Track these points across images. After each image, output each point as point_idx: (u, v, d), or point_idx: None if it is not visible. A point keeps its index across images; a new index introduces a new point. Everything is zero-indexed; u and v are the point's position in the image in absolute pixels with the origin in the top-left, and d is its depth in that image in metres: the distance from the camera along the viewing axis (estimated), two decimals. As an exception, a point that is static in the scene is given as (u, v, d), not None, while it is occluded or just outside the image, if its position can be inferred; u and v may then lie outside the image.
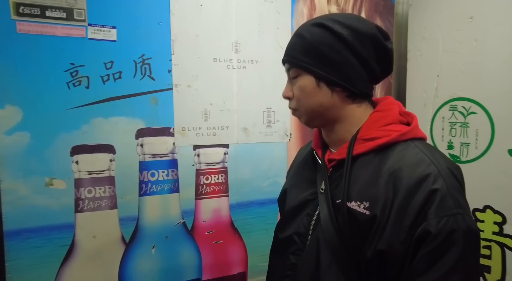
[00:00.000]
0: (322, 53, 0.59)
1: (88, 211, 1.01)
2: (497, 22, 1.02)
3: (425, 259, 0.50)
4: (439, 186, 0.51)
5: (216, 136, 1.16)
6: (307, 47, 0.60)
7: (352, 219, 0.56)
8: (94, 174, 1.02)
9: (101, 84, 1.00)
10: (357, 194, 0.57)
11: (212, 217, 1.18)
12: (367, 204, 0.55)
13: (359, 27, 0.59)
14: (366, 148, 0.59)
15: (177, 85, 1.09)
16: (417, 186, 0.52)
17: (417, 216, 0.51)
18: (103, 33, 0.98)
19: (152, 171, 1.09)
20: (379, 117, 0.61)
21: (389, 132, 0.59)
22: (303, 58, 0.60)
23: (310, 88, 0.61)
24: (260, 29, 1.19)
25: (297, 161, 0.81)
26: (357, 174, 0.59)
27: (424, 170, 0.53)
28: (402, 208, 0.52)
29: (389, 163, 0.56)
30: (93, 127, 1.01)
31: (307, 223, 0.65)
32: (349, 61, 0.59)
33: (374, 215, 0.54)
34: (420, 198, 0.51)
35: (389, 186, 0.54)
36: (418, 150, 0.57)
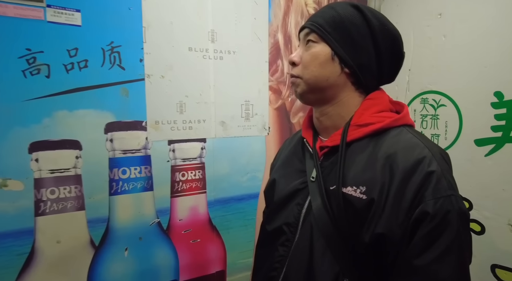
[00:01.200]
0: (348, 31, 0.59)
1: (51, 213, 0.91)
2: (463, 19, 1.07)
3: (422, 241, 0.51)
4: (434, 168, 0.52)
5: (192, 130, 1.10)
6: (336, 19, 0.60)
7: (347, 204, 0.56)
8: (57, 172, 0.92)
9: (64, 73, 0.91)
10: (352, 179, 0.57)
11: (189, 215, 1.13)
12: (364, 188, 0.55)
13: (387, 24, 0.61)
14: (361, 134, 0.59)
15: (150, 75, 1.02)
16: (413, 168, 0.53)
17: (414, 197, 0.52)
18: (65, 16, 0.88)
19: (123, 168, 1.01)
20: (371, 105, 0.62)
21: (382, 118, 0.60)
22: (327, 28, 0.60)
23: (323, 58, 0.60)
24: (237, 19, 1.15)
25: (283, 151, 0.80)
26: (351, 159, 0.59)
27: (419, 153, 0.54)
28: (400, 191, 0.53)
29: (384, 148, 0.57)
30: (56, 121, 0.91)
31: (297, 212, 0.64)
32: (368, 49, 0.60)
33: (372, 199, 0.54)
34: (417, 180, 0.52)
35: (386, 170, 0.55)
36: (411, 135, 0.58)
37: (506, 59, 0.95)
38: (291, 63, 0.64)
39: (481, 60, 1.02)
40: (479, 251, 1.05)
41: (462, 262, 0.52)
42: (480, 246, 1.04)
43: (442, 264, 0.50)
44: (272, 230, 0.67)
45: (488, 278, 1.02)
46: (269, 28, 1.23)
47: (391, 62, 0.62)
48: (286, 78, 1.29)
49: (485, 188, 1.02)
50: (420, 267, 0.50)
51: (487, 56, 1.00)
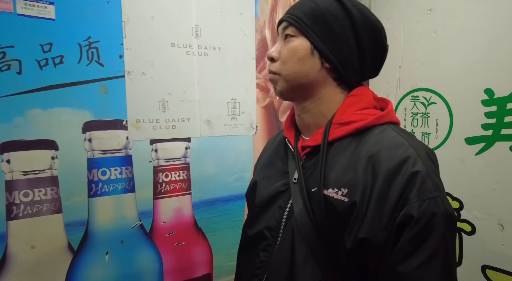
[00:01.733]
0: (328, 23, 0.56)
1: (25, 217, 0.87)
2: (454, 15, 1.05)
3: (406, 245, 0.48)
4: (419, 169, 0.49)
5: (176, 129, 1.06)
6: (315, 11, 0.57)
7: (329, 207, 0.53)
8: (31, 174, 0.87)
9: (37, 69, 0.86)
10: (334, 180, 0.54)
11: (173, 217, 1.09)
12: (345, 190, 0.52)
13: (369, 16, 0.57)
14: (343, 132, 0.56)
15: (130, 72, 0.98)
16: (397, 168, 0.50)
17: (398, 199, 0.49)
18: (37, 9, 0.84)
19: (103, 169, 0.97)
20: (354, 102, 0.59)
21: (365, 116, 0.57)
22: (306, 21, 0.57)
23: (302, 52, 0.57)
24: (222, 13, 1.12)
25: (266, 152, 0.76)
26: (333, 159, 0.56)
27: (403, 152, 0.51)
28: (383, 192, 0.50)
29: (367, 147, 0.54)
30: (29, 120, 0.86)
31: (279, 216, 0.60)
32: (349, 42, 0.57)
33: (354, 201, 0.51)
34: (401, 181, 0.49)
35: (368, 170, 0.52)
36: (395, 133, 0.55)
37: (496, 55, 0.93)
38: (269, 59, 0.61)
39: (471, 56, 0.99)
40: (470, 251, 1.03)
41: (449, 268, 0.49)
42: (471, 247, 1.02)
43: (427, 271, 0.47)
44: (253, 234, 0.64)
45: (479, 279, 1.00)
46: (256, 24, 1.19)
47: (374, 55, 0.59)
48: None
49: (475, 187, 1.00)
50: (405, 274, 0.47)
51: (477, 53, 0.98)
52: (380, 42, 0.59)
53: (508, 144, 0.91)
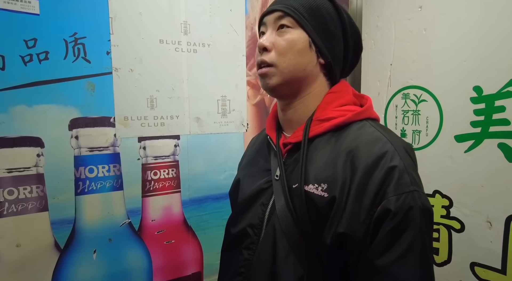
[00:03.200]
0: (324, 19, 0.58)
1: (9, 215, 0.86)
2: (444, 12, 1.04)
3: (384, 239, 0.49)
4: (396, 163, 0.50)
5: (164, 126, 1.05)
6: (313, 5, 0.57)
7: (310, 203, 0.54)
8: (16, 171, 0.86)
9: (21, 65, 0.85)
10: (314, 176, 0.54)
11: (162, 216, 1.08)
12: (325, 185, 0.53)
13: (352, 20, 0.62)
14: (322, 129, 0.57)
15: (118, 69, 0.97)
16: (375, 163, 0.51)
17: (376, 194, 0.49)
18: (21, 4, 0.82)
19: (90, 167, 0.96)
20: (334, 98, 0.60)
21: (344, 112, 0.58)
22: (304, 13, 0.57)
23: (301, 45, 0.56)
24: (212, 10, 1.11)
25: (249, 150, 0.77)
26: (313, 156, 0.57)
27: (381, 147, 0.52)
28: (361, 187, 0.50)
29: (346, 142, 0.55)
30: (13, 116, 0.85)
31: (262, 213, 0.61)
32: (340, 40, 0.59)
33: (333, 196, 0.51)
34: (379, 176, 0.50)
35: (347, 165, 0.52)
36: (374, 129, 0.56)
37: (485, 53, 0.93)
38: (262, 49, 0.58)
39: (460, 54, 0.99)
40: (459, 249, 1.03)
41: (426, 261, 0.50)
42: (460, 244, 1.02)
43: (404, 263, 0.48)
44: (236, 232, 0.64)
45: (467, 276, 1.00)
46: (246, 21, 1.19)
47: (354, 56, 0.63)
48: (265, 73, 1.25)
49: (464, 185, 1.00)
50: (382, 267, 0.48)
51: (466, 50, 0.97)
52: (359, 45, 0.63)
53: (496, 141, 0.90)
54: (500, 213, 0.91)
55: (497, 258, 0.91)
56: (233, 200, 0.72)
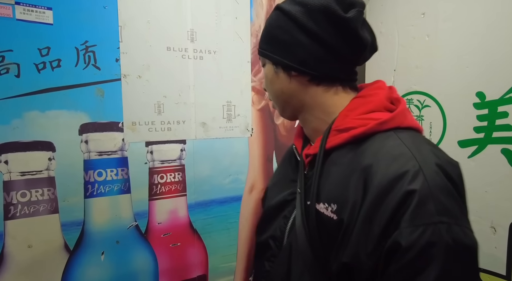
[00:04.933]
0: (275, 37, 0.56)
1: (22, 217, 0.89)
2: (446, 18, 1.06)
3: (394, 278, 0.41)
4: (417, 186, 0.41)
5: (171, 131, 1.08)
6: (265, 33, 0.58)
7: (321, 224, 0.49)
8: (28, 174, 0.89)
9: (35, 73, 0.88)
10: (326, 194, 0.49)
11: (169, 219, 1.11)
12: (335, 206, 0.47)
13: (310, 1, 0.51)
14: (340, 140, 0.51)
15: (126, 75, 1.00)
16: (390, 185, 0.42)
17: (388, 223, 0.41)
18: (36, 14, 0.86)
19: (99, 170, 0.99)
20: (359, 104, 0.52)
21: (367, 121, 0.50)
22: (263, 45, 0.58)
23: (270, 75, 0.58)
24: (218, 18, 1.13)
25: (283, 157, 0.74)
26: (329, 170, 0.51)
27: (401, 165, 0.43)
28: (371, 212, 0.43)
29: (363, 158, 0.47)
30: (27, 122, 0.88)
31: (283, 226, 0.58)
32: (300, 41, 0.52)
33: (341, 220, 0.46)
34: (393, 201, 0.41)
35: (359, 185, 0.45)
36: (399, 142, 0.46)
37: (488, 59, 0.93)
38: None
39: (463, 60, 1.00)
40: (463, 254, 1.03)
41: None
42: (464, 250, 1.02)
43: None
44: (260, 242, 0.63)
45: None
46: (251, 28, 1.21)
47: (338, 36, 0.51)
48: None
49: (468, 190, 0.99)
50: None
51: (469, 56, 0.98)
52: (335, 19, 0.50)
53: (499, 146, 0.91)
54: (504, 219, 0.91)
55: (502, 264, 0.91)
56: (263, 208, 0.70)
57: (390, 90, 0.54)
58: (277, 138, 1.32)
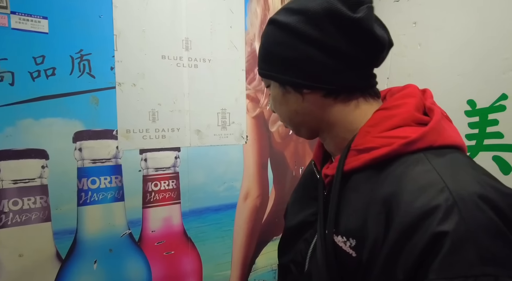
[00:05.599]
0: (276, 54, 0.48)
1: (14, 225, 0.88)
2: (437, 28, 1.07)
3: None
4: (449, 227, 0.33)
5: (165, 139, 1.08)
6: (263, 52, 0.52)
7: (340, 258, 0.43)
8: (21, 182, 0.89)
9: (29, 81, 0.89)
10: (344, 226, 0.43)
11: (162, 226, 1.10)
12: (354, 242, 0.41)
13: (309, 7, 0.44)
14: (360, 162, 0.43)
15: (121, 83, 1.01)
16: (415, 224, 0.34)
17: (414, 269, 0.34)
18: (31, 23, 0.87)
19: (93, 178, 0.99)
20: (383, 118, 0.44)
21: (391, 140, 0.41)
22: (263, 66, 0.52)
23: (279, 96, 0.52)
24: (212, 27, 1.15)
25: (306, 170, 0.66)
26: (348, 197, 0.44)
27: (430, 199, 0.35)
28: (394, 254, 0.36)
29: (385, 186, 0.40)
30: (20, 129, 0.88)
31: (305, 251, 0.53)
32: (306, 54, 0.45)
33: (360, 259, 0.40)
34: (420, 244, 0.34)
35: (381, 220, 0.38)
36: (430, 167, 0.38)
37: (478, 67, 0.95)
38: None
39: (454, 68, 1.01)
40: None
41: None
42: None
43: None
44: (282, 264, 0.60)
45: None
46: (246, 37, 1.23)
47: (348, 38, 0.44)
48: (264, 87, 1.28)
49: (461, 197, 1.00)
50: None
51: (460, 65, 1.00)
52: (341, 21, 0.43)
53: (491, 154, 0.92)
54: (497, 226, 0.91)
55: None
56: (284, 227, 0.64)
57: (423, 96, 0.46)
58: (272, 146, 1.32)
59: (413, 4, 1.15)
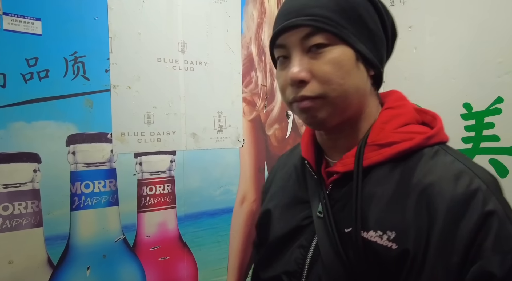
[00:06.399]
0: (363, 19, 0.44)
1: (3, 231, 0.86)
2: (432, 32, 1.08)
3: None
4: (494, 207, 0.37)
5: (161, 142, 1.07)
6: (343, 4, 0.43)
7: (371, 255, 0.42)
8: (11, 187, 0.87)
9: (22, 83, 0.87)
10: (375, 220, 0.42)
11: (157, 231, 1.08)
12: (393, 234, 0.41)
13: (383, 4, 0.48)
14: (383, 156, 0.44)
15: (116, 86, 0.99)
16: (462, 206, 0.38)
17: (467, 250, 0.37)
18: (24, 25, 0.86)
19: (87, 182, 0.97)
20: (393, 116, 0.46)
21: (410, 134, 0.44)
22: (340, 20, 0.43)
23: (349, 63, 0.43)
24: (209, 30, 1.14)
25: (278, 172, 0.62)
26: (371, 192, 0.44)
27: (468, 184, 0.39)
28: (446, 239, 0.38)
29: (417, 177, 0.42)
30: (12, 132, 0.87)
31: (301, 258, 0.49)
32: (382, 37, 0.46)
33: (405, 249, 0.40)
34: (470, 224, 0.37)
35: (422, 209, 0.40)
36: (452, 158, 0.42)
37: (473, 71, 0.95)
38: (297, 83, 0.44)
39: (450, 72, 1.02)
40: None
41: None
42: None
43: None
44: (268, 279, 0.53)
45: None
46: (242, 40, 1.22)
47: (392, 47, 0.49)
48: (261, 90, 1.28)
49: (458, 201, 1.00)
50: None
51: (455, 68, 1.00)
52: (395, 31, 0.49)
53: (487, 157, 0.92)
54: (494, 229, 0.91)
55: (493, 275, 0.91)
56: (263, 235, 0.58)
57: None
58: (269, 149, 1.31)
59: (409, 8, 1.16)
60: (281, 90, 0.48)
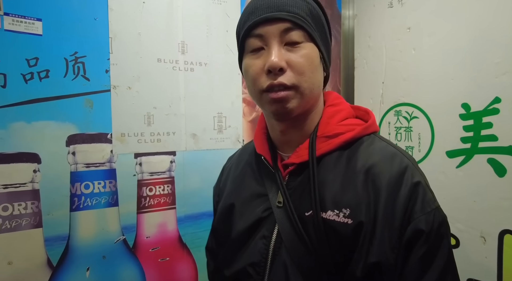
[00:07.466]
0: (323, 26, 0.52)
1: (3, 232, 0.85)
2: (431, 33, 1.09)
3: (418, 264, 0.45)
4: (419, 179, 0.47)
5: (161, 143, 1.07)
6: (312, 11, 0.50)
7: (330, 232, 0.47)
8: (11, 187, 0.87)
9: (22, 83, 0.87)
10: (332, 201, 0.48)
11: (157, 232, 1.08)
12: (347, 211, 0.47)
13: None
14: (331, 146, 0.52)
15: (116, 86, 0.99)
16: (398, 180, 0.47)
17: (404, 214, 0.46)
18: (25, 25, 0.86)
19: (86, 183, 0.97)
20: (335, 112, 0.54)
21: (351, 127, 0.53)
22: (311, 23, 0.50)
23: (317, 61, 0.50)
24: (208, 31, 1.15)
25: (231, 173, 0.66)
26: (324, 177, 0.50)
27: (400, 162, 0.49)
28: (389, 208, 0.46)
29: (361, 160, 0.50)
30: (12, 133, 0.86)
31: (264, 248, 0.52)
32: (330, 46, 0.55)
33: (359, 222, 0.46)
34: (404, 194, 0.46)
35: (368, 185, 0.48)
36: (385, 143, 0.52)
37: (472, 71, 0.96)
38: (276, 70, 0.47)
39: (448, 72, 1.03)
40: (455, 265, 1.03)
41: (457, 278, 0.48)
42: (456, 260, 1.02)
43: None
44: (233, 274, 0.55)
45: (465, 293, 0.99)
46: (242, 41, 1.23)
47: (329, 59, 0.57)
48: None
49: (457, 200, 1.01)
50: None
51: (454, 69, 1.01)
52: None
53: (485, 156, 0.92)
54: (493, 228, 0.91)
55: (493, 273, 0.91)
56: (222, 234, 0.60)
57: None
58: (268, 150, 1.31)
59: (407, 10, 1.16)
60: (253, 79, 0.50)
